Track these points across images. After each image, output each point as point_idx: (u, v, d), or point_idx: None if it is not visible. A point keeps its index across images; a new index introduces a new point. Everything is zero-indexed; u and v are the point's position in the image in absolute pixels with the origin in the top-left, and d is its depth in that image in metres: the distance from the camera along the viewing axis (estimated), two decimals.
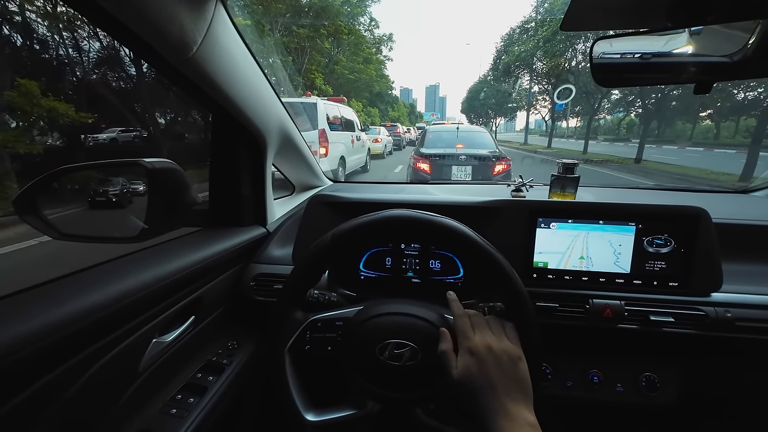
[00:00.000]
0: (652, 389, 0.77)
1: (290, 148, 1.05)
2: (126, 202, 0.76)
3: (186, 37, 0.52)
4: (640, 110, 19.64)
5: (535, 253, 0.77)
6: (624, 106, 22.38)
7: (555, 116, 25.68)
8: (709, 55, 0.53)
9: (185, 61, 0.56)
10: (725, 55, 0.52)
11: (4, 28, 7.15)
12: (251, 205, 0.91)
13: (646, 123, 18.38)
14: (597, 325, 0.73)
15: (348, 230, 0.58)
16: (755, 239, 0.87)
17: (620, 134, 34.59)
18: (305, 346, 0.58)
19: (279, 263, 0.86)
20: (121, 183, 0.75)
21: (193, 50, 0.54)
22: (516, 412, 0.45)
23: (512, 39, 25.44)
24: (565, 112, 27.37)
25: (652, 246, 0.73)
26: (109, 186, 0.73)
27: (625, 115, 26.95)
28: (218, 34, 0.59)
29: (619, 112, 27.12)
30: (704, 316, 0.70)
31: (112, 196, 0.73)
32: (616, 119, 34.92)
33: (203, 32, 0.55)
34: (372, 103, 36.94)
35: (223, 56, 0.63)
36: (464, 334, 0.52)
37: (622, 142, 27.54)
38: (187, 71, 0.59)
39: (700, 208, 0.71)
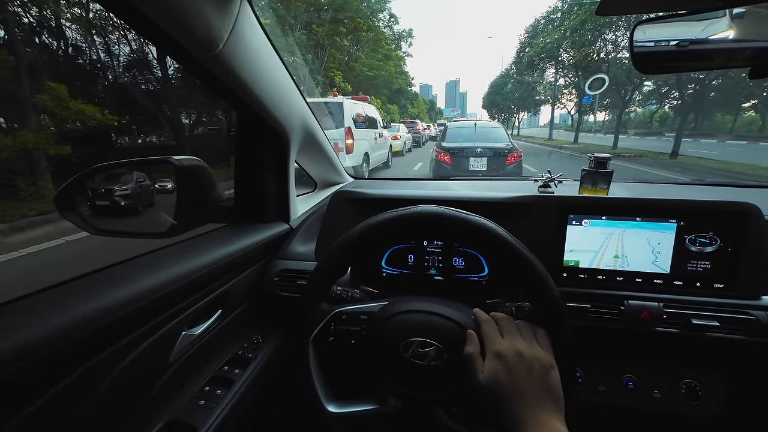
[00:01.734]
0: (694, 397, 0.72)
1: (312, 145, 1.06)
2: (141, 206, 0.75)
3: (212, 34, 0.53)
4: (675, 102, 18.36)
5: (566, 252, 0.73)
6: (657, 98, 21.16)
7: (582, 110, 24.61)
8: (759, 40, 0.49)
9: (212, 57, 0.56)
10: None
11: (35, 31, 7.51)
12: (275, 201, 0.92)
13: (683, 115, 17.20)
14: (632, 328, 0.69)
15: (377, 224, 0.57)
16: None
17: (652, 128, 32.66)
18: (330, 338, 0.58)
19: (302, 259, 0.86)
20: (134, 181, 0.76)
21: (219, 47, 0.55)
22: (547, 422, 0.43)
23: (537, 30, 24.49)
24: (593, 106, 26.02)
25: (695, 245, 0.68)
26: (115, 184, 0.74)
27: (659, 108, 25.33)
28: (244, 30, 0.59)
29: (651, 104, 25.57)
30: (754, 320, 0.65)
31: (120, 198, 0.74)
32: (648, 112, 32.90)
33: (229, 29, 0.55)
34: (391, 100, 36.52)
35: (249, 53, 0.63)
36: (492, 338, 0.50)
37: (654, 136, 26.05)
38: (214, 68, 0.60)
39: (751, 204, 0.66)
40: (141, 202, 0.81)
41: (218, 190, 0.88)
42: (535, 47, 22.73)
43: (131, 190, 0.84)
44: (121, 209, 0.83)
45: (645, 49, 0.49)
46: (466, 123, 7.22)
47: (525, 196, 0.78)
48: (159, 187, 1.06)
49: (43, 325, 0.40)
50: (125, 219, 0.86)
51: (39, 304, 0.44)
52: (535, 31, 24.78)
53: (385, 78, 30.45)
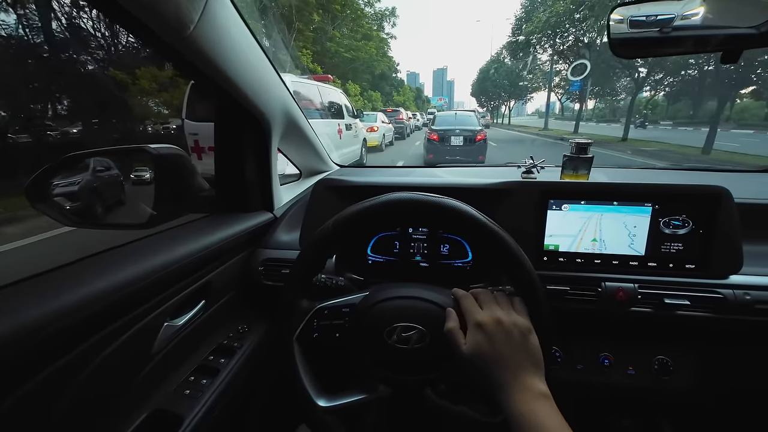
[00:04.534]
0: (666, 373, 0.75)
1: (296, 132, 1.04)
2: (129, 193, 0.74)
3: (182, 15, 0.51)
4: (669, 89, 17.70)
5: (546, 236, 0.75)
6: (653, 85, 20.36)
7: (570, 98, 24.28)
8: (734, 26, 0.50)
9: (182, 40, 0.54)
10: (752, 24, 0.48)
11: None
12: (257, 190, 0.91)
13: (703, 101, 16.17)
14: (609, 309, 0.71)
15: (350, 215, 0.57)
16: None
17: (647, 116, 31.39)
18: (313, 334, 0.58)
19: (286, 248, 0.86)
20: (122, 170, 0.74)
21: (190, 29, 0.53)
22: (529, 384, 0.45)
23: (534, 4, 22.16)
24: (583, 93, 24.26)
25: (668, 227, 0.71)
26: (110, 174, 0.71)
27: (653, 95, 24.89)
28: (216, 12, 0.57)
29: (646, 90, 24.03)
30: (722, 299, 0.68)
31: (114, 186, 0.71)
32: (641, 100, 32.11)
33: (200, 10, 0.53)
34: (374, 86, 33.49)
35: (222, 36, 0.61)
36: (471, 311, 0.52)
37: (651, 125, 25.74)
38: (185, 51, 0.58)
39: (721, 188, 0.68)
40: (105, 196, 0.78)
41: (199, 180, 0.86)
42: (537, 22, 20.14)
43: (93, 182, 0.81)
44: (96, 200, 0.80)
45: (622, 35, 0.50)
46: (450, 112, 10.83)
47: (507, 182, 0.78)
48: (135, 177, 1.03)
49: (20, 316, 0.39)
50: (102, 210, 0.84)
51: (16, 295, 0.43)
52: (533, 4, 22.43)
53: (365, 61, 27.54)
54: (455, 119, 8.69)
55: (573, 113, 38.58)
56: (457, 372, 0.53)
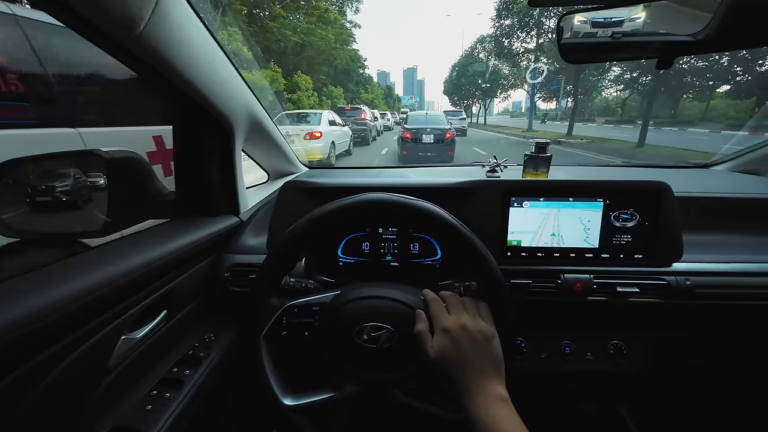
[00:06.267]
0: (620, 356, 0.81)
1: (261, 134, 1.01)
2: (82, 200, 0.69)
3: (131, 12, 0.48)
4: (640, 88, 17.36)
5: (509, 232, 0.78)
6: (627, 83, 20.24)
7: (543, 97, 23.42)
8: (672, 33, 0.54)
9: (133, 38, 0.51)
10: (689, 32, 0.53)
11: None
12: (221, 193, 0.88)
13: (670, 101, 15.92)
14: (568, 299, 0.76)
15: (322, 215, 0.57)
16: (712, 211, 0.92)
17: (623, 115, 31.45)
18: (282, 332, 0.58)
19: (254, 252, 0.84)
20: (74, 176, 0.68)
21: (140, 27, 0.50)
22: (488, 388, 0.47)
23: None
24: (558, 92, 24.17)
25: (618, 221, 0.76)
26: (57, 180, 0.65)
27: (632, 93, 24.47)
28: (168, 8, 0.54)
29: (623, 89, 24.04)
30: (666, 285, 0.74)
31: (62, 193, 0.66)
32: (618, 98, 32.33)
33: (151, 6, 0.51)
34: (337, 82, 28.53)
35: (176, 33, 0.59)
36: (439, 316, 0.53)
37: (630, 125, 24.96)
38: (137, 50, 0.55)
39: (663, 183, 0.74)
40: (57, 202, 0.72)
41: (157, 184, 0.83)
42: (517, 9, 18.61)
43: (41, 187, 0.74)
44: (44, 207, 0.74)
45: (570, 40, 0.53)
46: (421, 112, 12.20)
47: (472, 181, 0.81)
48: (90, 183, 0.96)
49: None
50: (48, 218, 0.78)
51: None
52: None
53: (321, 49, 22.40)
54: (426, 119, 9.52)
55: (545, 112, 38.58)
56: (423, 372, 0.55)
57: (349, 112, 13.43)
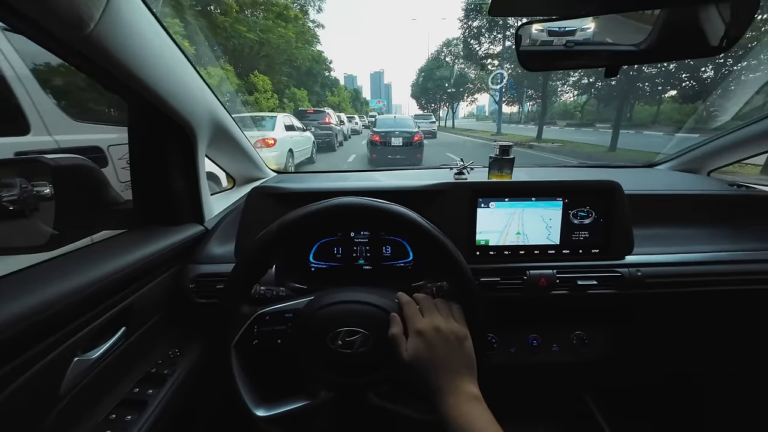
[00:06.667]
0: (582, 346, 0.86)
1: (226, 138, 0.98)
2: (29, 210, 0.63)
3: (80, 11, 0.45)
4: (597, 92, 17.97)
5: (477, 232, 0.81)
6: (584, 88, 20.88)
7: (503, 100, 23.07)
8: (618, 43, 0.59)
9: (83, 39, 0.48)
10: (633, 43, 0.58)
11: None
12: (184, 201, 0.84)
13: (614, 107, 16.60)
14: (534, 294, 0.79)
15: (295, 219, 0.56)
16: (657, 207, 1.00)
17: (582, 118, 32.02)
18: (253, 341, 0.56)
19: (221, 262, 0.80)
20: (20, 185, 0.61)
21: (90, 26, 0.47)
22: (461, 387, 0.49)
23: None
24: (520, 96, 25.27)
25: (576, 218, 0.81)
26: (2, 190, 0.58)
27: (589, 98, 25.03)
28: (120, 7, 0.52)
29: (579, 94, 24.67)
30: (620, 276, 0.80)
31: (9, 203, 0.59)
32: (577, 102, 33.11)
33: (101, 5, 0.48)
34: (301, 84, 27.02)
35: (130, 33, 0.55)
36: (413, 318, 0.54)
37: (591, 127, 25.51)
38: (87, 51, 0.51)
39: (615, 182, 0.80)
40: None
41: (112, 192, 0.77)
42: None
43: None
44: None
45: (527, 48, 0.56)
46: (389, 116, 11.84)
47: (440, 183, 0.83)
48: (37, 192, 0.88)
49: None
50: None
51: None
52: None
53: (281, 48, 20.80)
54: (395, 122, 9.72)
55: (508, 116, 39.10)
56: (398, 374, 0.55)
57: (312, 115, 12.35)
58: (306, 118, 11.53)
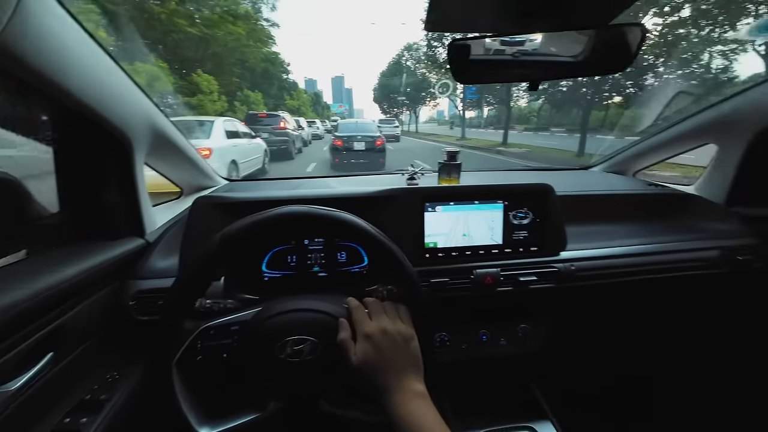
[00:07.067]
0: (527, 338, 0.92)
1: (167, 145, 0.94)
2: None
3: None
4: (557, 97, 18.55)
5: (426, 235, 0.84)
6: (538, 94, 20.69)
7: (466, 105, 23.09)
8: (543, 58, 0.65)
9: None
10: (558, 57, 0.64)
11: None
12: (120, 214, 0.79)
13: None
14: (481, 292, 0.84)
15: (239, 230, 0.56)
16: (589, 206, 1.10)
17: (538, 123, 33.15)
18: (197, 357, 0.55)
19: (164, 276, 0.77)
20: None
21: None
22: (407, 386, 0.50)
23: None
24: (480, 102, 25.79)
25: (516, 219, 0.87)
26: None
27: (544, 103, 25.83)
28: (32, 8, 0.48)
29: (533, 99, 25.73)
30: (557, 271, 0.87)
31: None
32: (531, 107, 34.28)
33: (10, 8, 0.44)
34: (256, 86, 24.92)
35: (46, 37, 0.52)
36: (361, 322, 0.55)
37: (547, 132, 26.56)
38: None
39: (547, 185, 0.87)
40: None
41: (36, 207, 0.72)
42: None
43: None
44: None
45: (460, 64, 0.60)
46: (351, 120, 11.93)
47: (390, 189, 0.85)
48: None
49: None
50: None
51: None
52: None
53: (229, 46, 19.00)
54: (357, 126, 9.54)
55: (467, 121, 40.05)
56: (348, 379, 0.56)
57: (265, 119, 10.97)
58: (258, 122, 10.39)
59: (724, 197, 1.07)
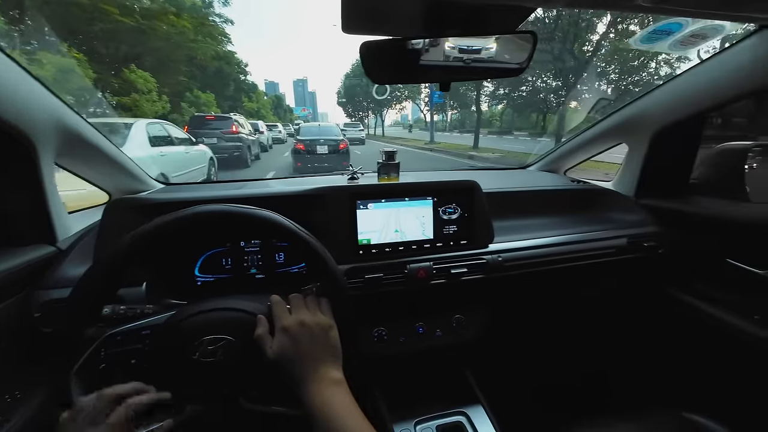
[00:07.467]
0: (461, 328, 0.96)
1: (83, 146, 0.88)
2: None
3: None
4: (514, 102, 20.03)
5: (359, 232, 0.86)
6: (500, 98, 22.43)
7: (431, 109, 24.39)
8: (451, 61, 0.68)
9: None
10: (465, 60, 0.68)
11: None
12: (24, 219, 0.73)
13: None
14: (415, 286, 0.87)
15: (150, 230, 0.54)
16: (519, 202, 1.18)
17: (501, 127, 33.85)
18: (99, 365, 0.52)
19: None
20: None
21: None
22: (324, 374, 0.51)
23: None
24: (444, 105, 26.71)
25: (446, 214, 0.91)
26: None
27: (506, 108, 27.04)
28: None
29: (495, 104, 26.16)
30: (485, 263, 0.92)
31: None
32: (493, 112, 35.60)
33: None
34: (209, 87, 23.02)
35: None
36: (279, 317, 0.55)
37: (511, 135, 26.67)
38: None
39: (473, 181, 0.92)
40: None
41: None
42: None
43: None
44: None
45: (374, 64, 0.62)
46: (314, 123, 12.04)
47: (320, 187, 0.86)
48: None
49: None
50: None
51: None
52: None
53: (172, 40, 16.90)
54: (320, 130, 9.42)
55: (437, 124, 40.33)
56: (267, 374, 0.56)
57: (213, 123, 9.39)
58: (205, 126, 9.12)
59: (634, 191, 1.19)
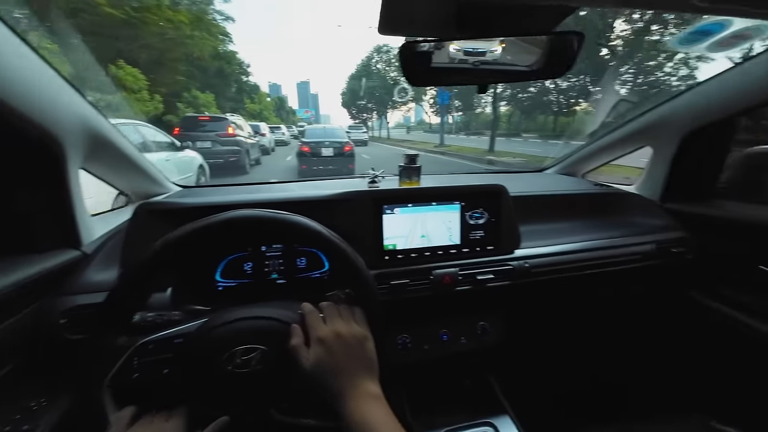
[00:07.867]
0: (486, 335, 0.94)
1: (107, 149, 0.87)
2: None
3: None
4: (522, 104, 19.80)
5: (385, 238, 0.84)
6: (509, 99, 22.42)
7: (433, 111, 24.02)
8: (492, 63, 0.67)
9: None
10: (505, 62, 0.66)
11: None
12: (49, 224, 0.72)
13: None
14: (440, 292, 0.85)
15: (179, 237, 0.52)
16: (541, 206, 1.16)
17: (508, 129, 32.76)
18: (133, 375, 0.50)
19: (102, 290, 0.70)
20: None
21: None
22: (361, 388, 0.49)
23: None
24: (449, 107, 26.33)
25: (473, 219, 0.89)
26: None
27: (514, 110, 26.92)
28: None
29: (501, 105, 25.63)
30: (512, 269, 0.90)
31: None
32: (501, 114, 33.83)
33: None
34: (209, 87, 22.18)
35: None
36: (314, 327, 0.54)
37: (519, 137, 26.24)
38: None
39: (500, 186, 0.90)
40: None
41: None
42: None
43: None
44: None
45: (413, 66, 0.61)
46: (319, 126, 12.94)
47: (346, 192, 0.85)
48: None
49: None
50: None
51: None
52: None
53: (167, 36, 15.67)
54: (324, 132, 9.42)
55: (435, 127, 39.64)
56: (302, 386, 0.54)
57: (208, 124, 8.35)
58: (198, 127, 8.14)
59: (659, 195, 1.17)
